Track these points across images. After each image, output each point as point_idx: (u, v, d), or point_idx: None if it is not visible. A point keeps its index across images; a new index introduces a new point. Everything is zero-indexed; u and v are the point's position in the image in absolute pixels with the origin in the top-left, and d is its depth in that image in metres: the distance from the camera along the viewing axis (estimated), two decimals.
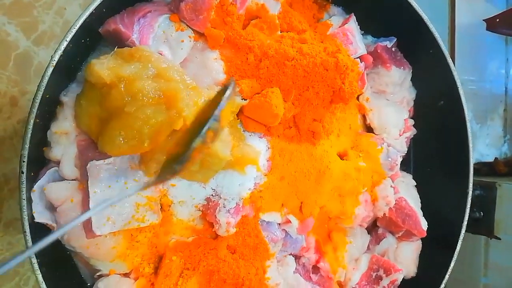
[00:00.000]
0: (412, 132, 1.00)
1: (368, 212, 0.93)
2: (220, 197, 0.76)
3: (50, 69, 0.63)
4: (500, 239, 1.25)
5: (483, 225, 1.28)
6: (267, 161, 0.80)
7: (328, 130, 0.85)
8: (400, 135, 0.97)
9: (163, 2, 0.77)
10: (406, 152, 1.00)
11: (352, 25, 0.88)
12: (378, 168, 0.92)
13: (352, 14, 0.91)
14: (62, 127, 0.68)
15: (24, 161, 0.62)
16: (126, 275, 0.75)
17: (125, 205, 0.68)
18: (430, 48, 0.94)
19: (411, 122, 1.00)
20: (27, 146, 0.62)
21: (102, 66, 0.62)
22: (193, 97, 0.67)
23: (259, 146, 0.78)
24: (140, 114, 0.63)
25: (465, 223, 0.97)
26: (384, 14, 0.93)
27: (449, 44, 1.40)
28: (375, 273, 0.94)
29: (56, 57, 0.63)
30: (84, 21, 0.65)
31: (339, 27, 0.87)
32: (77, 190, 0.68)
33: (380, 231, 0.99)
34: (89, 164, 0.67)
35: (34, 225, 0.65)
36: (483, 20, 1.35)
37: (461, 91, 0.95)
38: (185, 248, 0.76)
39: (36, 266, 0.63)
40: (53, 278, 0.67)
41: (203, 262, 0.76)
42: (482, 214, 1.28)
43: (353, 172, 0.87)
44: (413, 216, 0.94)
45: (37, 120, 0.64)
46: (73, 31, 0.64)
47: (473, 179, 0.97)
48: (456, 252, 0.95)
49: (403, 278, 0.96)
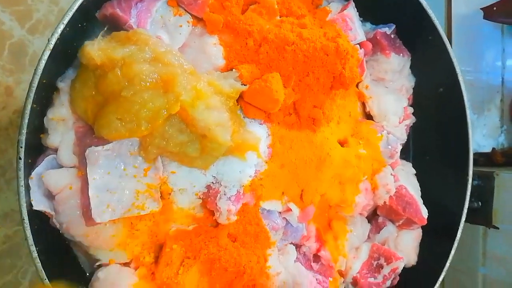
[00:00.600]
0: (411, 120, 1.00)
1: (368, 201, 0.93)
2: (221, 184, 0.75)
3: (47, 53, 0.62)
4: (498, 228, 1.25)
5: (481, 215, 1.28)
6: (268, 148, 0.79)
7: (329, 117, 0.84)
8: (399, 123, 0.97)
9: None
10: (405, 140, 1.00)
11: (351, 11, 0.87)
12: (378, 156, 0.92)
13: (351, 0, 0.90)
14: (58, 114, 0.67)
15: (21, 147, 0.61)
16: (126, 264, 0.74)
17: (125, 192, 0.67)
18: (429, 35, 0.94)
19: (411, 110, 1.00)
20: (24, 131, 0.61)
21: (93, 47, 0.62)
22: (191, 81, 0.66)
23: (260, 133, 0.78)
24: (137, 98, 0.63)
25: (465, 211, 0.96)
26: (382, 1, 0.93)
27: (446, 34, 1.40)
28: (375, 262, 0.94)
29: (53, 41, 0.62)
30: (81, 4, 0.64)
31: (338, 13, 0.87)
32: (76, 177, 0.67)
33: (380, 219, 0.98)
34: (87, 151, 0.65)
35: (32, 213, 0.64)
36: (480, 9, 1.35)
37: (460, 78, 0.94)
38: (185, 237, 0.75)
39: (35, 254, 0.62)
40: (51, 267, 0.66)
41: (204, 251, 0.75)
42: (480, 204, 1.28)
43: (354, 160, 0.87)
44: (414, 204, 0.93)
45: (34, 105, 0.62)
46: (70, 14, 0.63)
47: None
48: (456, 241, 0.95)
49: (403, 267, 0.95)
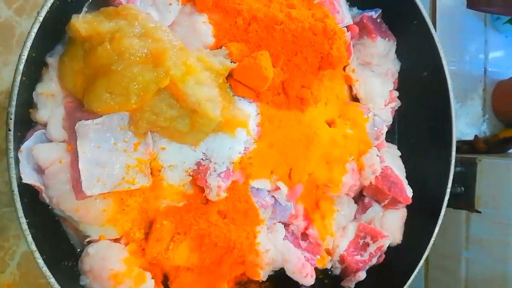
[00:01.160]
0: (397, 103, 1.03)
1: (355, 181, 0.95)
2: (211, 161, 0.76)
3: (37, 25, 0.62)
4: (480, 213, 1.28)
5: (464, 200, 1.31)
6: (257, 126, 0.80)
7: (317, 98, 0.86)
8: (385, 106, 0.99)
9: None
10: (391, 122, 1.03)
11: None
12: (364, 137, 0.94)
13: None
14: (48, 88, 0.67)
15: (11, 119, 0.61)
16: (116, 240, 0.75)
17: (115, 166, 0.67)
18: (414, 20, 0.96)
19: (396, 93, 1.03)
20: (14, 103, 0.61)
21: (78, 19, 0.63)
22: (181, 56, 0.67)
23: (249, 111, 0.79)
24: (127, 72, 0.64)
25: (448, 191, 0.99)
26: None
27: None
28: (362, 240, 0.96)
29: (43, 13, 0.62)
30: None
31: None
32: (66, 151, 0.67)
33: (366, 200, 1.01)
34: (77, 124, 0.66)
35: (22, 186, 0.64)
36: None
37: (444, 61, 0.97)
38: (176, 213, 0.76)
39: (25, 226, 0.62)
40: (41, 242, 0.66)
41: (194, 227, 0.76)
42: (463, 189, 1.31)
43: (341, 139, 0.88)
44: (399, 184, 0.96)
45: (24, 78, 0.62)
46: None
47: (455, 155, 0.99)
48: (440, 219, 0.98)
49: (389, 246, 0.98)
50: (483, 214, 1.29)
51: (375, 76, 0.99)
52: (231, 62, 0.74)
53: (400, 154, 1.04)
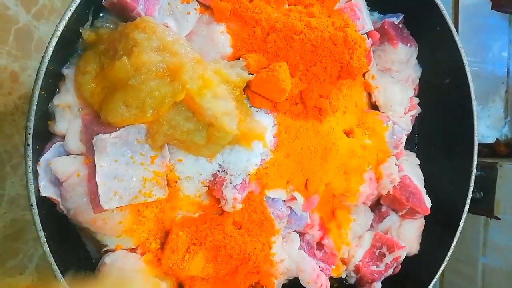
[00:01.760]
0: (417, 110, 1.00)
1: (372, 190, 0.93)
2: (227, 173, 0.75)
3: (55, 40, 0.61)
4: (499, 219, 1.26)
5: (483, 206, 1.28)
6: (274, 137, 0.79)
7: (335, 107, 0.84)
8: (405, 113, 0.97)
9: None
10: (411, 130, 1.00)
11: (359, 0, 0.87)
12: (383, 146, 0.92)
13: None
14: (64, 100, 0.67)
15: (29, 133, 0.61)
16: (132, 250, 0.75)
17: (132, 180, 0.67)
18: (437, 25, 0.93)
19: (416, 100, 1.00)
20: (32, 118, 0.61)
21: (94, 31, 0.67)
22: (198, 70, 0.66)
23: (266, 122, 0.78)
24: (144, 87, 0.64)
25: (468, 201, 0.97)
26: None
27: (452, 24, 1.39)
28: (378, 250, 0.95)
29: (61, 28, 0.62)
30: None
31: (346, 2, 0.86)
32: (83, 164, 0.67)
33: (383, 209, 0.99)
34: (95, 138, 0.66)
35: (40, 198, 0.65)
36: None
37: (467, 69, 0.94)
38: (191, 224, 0.76)
39: (43, 239, 0.63)
40: (59, 253, 0.67)
41: (209, 238, 0.76)
42: (482, 194, 1.28)
43: (359, 150, 0.87)
44: (417, 194, 0.94)
45: (42, 92, 0.62)
46: (78, 0, 0.62)
47: None
48: (458, 230, 0.96)
49: (405, 256, 0.96)
50: (502, 221, 1.26)
51: (395, 82, 0.96)
52: (249, 74, 0.73)
53: (419, 162, 1.01)
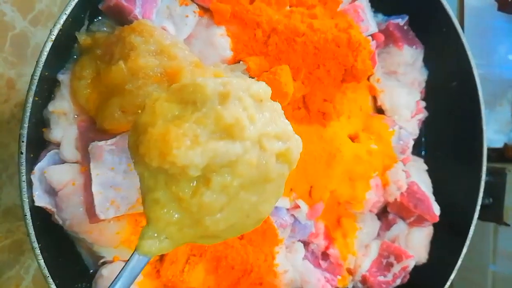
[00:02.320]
0: (423, 114, 0.98)
1: (378, 197, 0.90)
2: None
3: (49, 44, 0.59)
4: (509, 225, 1.23)
5: (492, 212, 1.25)
6: None
7: (339, 111, 0.82)
8: (411, 117, 0.94)
9: None
10: (417, 135, 0.97)
11: (363, 1, 0.85)
12: (390, 152, 0.89)
13: None
14: (59, 107, 0.65)
15: (23, 141, 0.59)
16: None
17: (129, 189, 0.65)
18: (443, 27, 0.91)
19: (423, 104, 0.97)
20: (26, 125, 0.59)
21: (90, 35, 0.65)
22: (197, 74, 0.64)
23: None
24: (141, 92, 0.61)
25: (478, 208, 0.94)
26: None
27: None
28: (385, 260, 0.92)
29: (55, 32, 0.60)
30: None
31: (350, 3, 0.84)
32: (79, 173, 0.65)
33: (390, 216, 0.96)
34: (91, 146, 0.63)
35: (35, 208, 0.62)
36: (494, 0, 1.32)
37: (475, 71, 0.92)
38: None
39: (37, 251, 0.60)
40: (55, 264, 0.64)
41: (210, 248, 0.73)
42: (491, 200, 1.25)
43: (365, 155, 0.84)
44: (425, 201, 0.91)
45: (36, 98, 0.60)
46: (73, 3, 0.60)
47: None
48: (468, 238, 0.93)
49: (414, 265, 0.93)
50: None
51: (401, 86, 0.94)
52: (249, 78, 0.71)
53: (426, 168, 0.99)
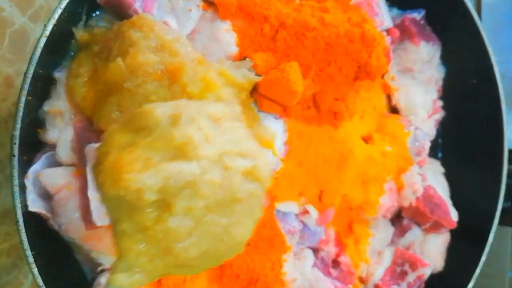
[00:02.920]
0: (440, 114, 0.93)
1: (393, 202, 0.86)
2: None
3: (43, 40, 0.56)
4: None
5: (511, 216, 1.20)
6: (284, 144, 0.73)
7: (352, 111, 0.77)
8: (428, 117, 0.90)
9: None
10: (434, 135, 0.93)
11: None
12: (405, 153, 0.85)
13: None
14: (55, 106, 0.62)
15: (15, 143, 0.55)
16: None
17: None
18: (462, 22, 0.86)
19: (440, 103, 0.93)
20: (18, 126, 0.55)
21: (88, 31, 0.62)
22: (200, 71, 0.60)
23: (275, 128, 0.71)
24: (141, 90, 0.58)
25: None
26: None
27: None
28: (399, 268, 0.87)
29: (49, 27, 0.56)
30: None
31: None
32: (75, 176, 0.61)
33: (405, 222, 0.91)
34: (87, 148, 0.60)
35: (29, 213, 0.59)
36: None
37: (495, 69, 0.87)
38: None
39: (31, 259, 0.57)
40: (50, 272, 0.61)
41: None
42: (510, 204, 1.20)
43: (378, 157, 0.80)
44: (442, 206, 0.86)
45: (30, 98, 0.57)
46: None
47: None
48: (488, 245, 0.89)
49: (429, 273, 0.88)
50: None
51: (417, 84, 0.89)
52: (256, 75, 0.67)
53: (443, 171, 0.94)
